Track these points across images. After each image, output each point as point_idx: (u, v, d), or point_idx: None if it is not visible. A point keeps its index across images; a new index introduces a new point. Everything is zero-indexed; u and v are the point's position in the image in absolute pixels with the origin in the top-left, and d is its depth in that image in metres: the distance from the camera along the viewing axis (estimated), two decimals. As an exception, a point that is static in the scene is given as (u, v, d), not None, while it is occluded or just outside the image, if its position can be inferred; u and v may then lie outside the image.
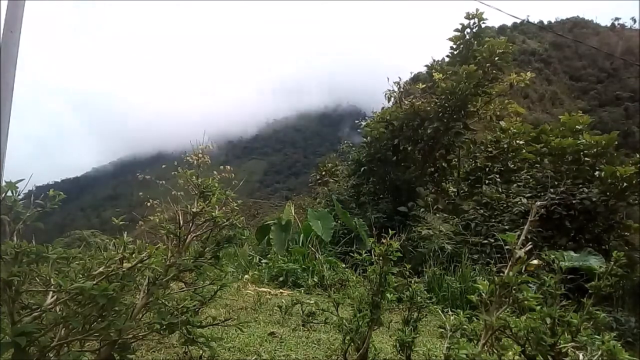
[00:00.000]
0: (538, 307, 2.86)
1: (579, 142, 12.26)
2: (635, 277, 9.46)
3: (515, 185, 12.96)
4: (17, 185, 2.49)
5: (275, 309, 6.27)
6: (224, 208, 3.32)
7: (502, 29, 72.22)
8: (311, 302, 6.29)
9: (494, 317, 2.80)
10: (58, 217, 76.84)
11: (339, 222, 12.20)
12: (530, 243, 2.96)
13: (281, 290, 7.92)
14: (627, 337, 7.16)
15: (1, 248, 2.28)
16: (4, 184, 2.50)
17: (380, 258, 3.79)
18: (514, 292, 2.84)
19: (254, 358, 4.09)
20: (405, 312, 4.48)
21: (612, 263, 3.00)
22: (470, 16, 14.54)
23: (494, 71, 14.27)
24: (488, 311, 2.85)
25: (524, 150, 13.90)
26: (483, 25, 14.77)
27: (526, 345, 2.83)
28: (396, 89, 15.49)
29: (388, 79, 15.52)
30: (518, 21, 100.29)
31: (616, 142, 12.15)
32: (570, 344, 2.81)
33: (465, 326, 3.39)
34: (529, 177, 13.06)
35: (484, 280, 3.03)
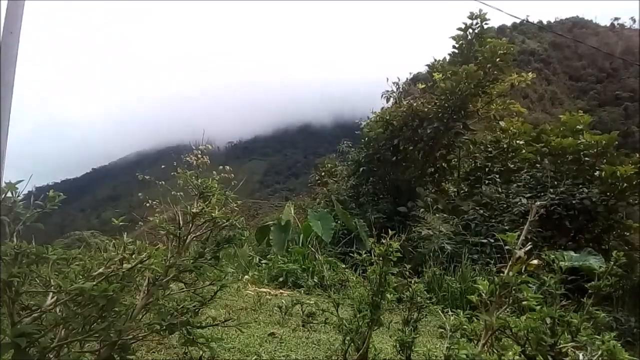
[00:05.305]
0: (538, 307, 2.86)
1: (579, 141, 12.26)
2: (635, 277, 9.48)
3: (515, 185, 12.95)
4: (17, 186, 2.49)
5: (275, 309, 6.27)
6: (223, 208, 3.32)
7: (502, 29, 72.11)
8: (311, 302, 6.28)
9: (494, 317, 2.80)
10: (58, 217, 76.78)
11: (338, 222, 12.20)
12: (530, 243, 2.96)
13: (281, 291, 7.92)
14: (627, 337, 7.18)
15: (1, 249, 2.28)
16: (4, 184, 2.50)
17: (380, 258, 3.79)
18: (514, 292, 2.84)
19: (254, 358, 4.09)
20: (405, 313, 4.48)
21: (612, 263, 3.01)
22: (474, 16, 14.57)
23: (495, 72, 14.29)
24: (488, 311, 2.85)
25: (524, 150, 13.92)
26: (485, 26, 14.80)
27: (526, 345, 2.83)
28: (395, 89, 15.51)
29: (388, 79, 15.55)
30: (518, 21, 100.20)
31: (616, 142, 12.16)
32: (570, 344, 2.81)
33: (465, 326, 3.39)
34: (528, 177, 13.04)
35: (484, 280, 3.03)
